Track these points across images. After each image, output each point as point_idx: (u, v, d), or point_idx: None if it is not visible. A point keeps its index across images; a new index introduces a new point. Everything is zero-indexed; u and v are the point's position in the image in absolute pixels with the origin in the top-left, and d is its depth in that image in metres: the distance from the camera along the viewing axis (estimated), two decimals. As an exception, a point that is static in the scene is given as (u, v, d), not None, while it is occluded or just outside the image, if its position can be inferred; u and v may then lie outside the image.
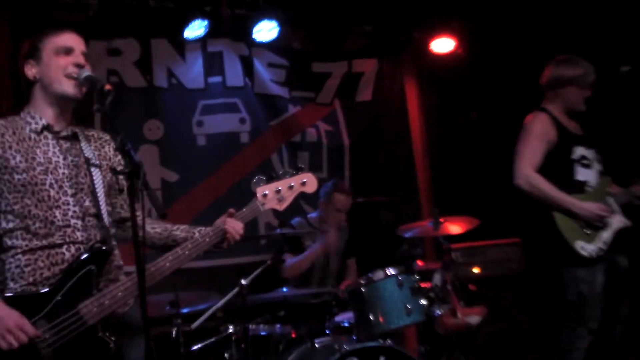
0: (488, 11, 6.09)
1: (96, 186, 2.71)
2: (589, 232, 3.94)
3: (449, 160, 6.58)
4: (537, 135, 4.05)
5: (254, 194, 2.92)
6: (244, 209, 2.88)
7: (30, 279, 2.57)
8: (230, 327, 4.14)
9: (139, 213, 2.34)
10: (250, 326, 4.11)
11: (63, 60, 2.68)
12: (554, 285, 4.16)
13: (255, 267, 4.38)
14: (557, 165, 4.02)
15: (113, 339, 2.57)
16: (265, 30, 5.71)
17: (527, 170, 4.01)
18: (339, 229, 5.04)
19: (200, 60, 5.82)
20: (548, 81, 4.18)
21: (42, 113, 2.72)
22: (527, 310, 5.77)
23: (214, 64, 5.85)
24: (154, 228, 2.86)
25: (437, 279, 4.63)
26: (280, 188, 2.92)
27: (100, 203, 2.70)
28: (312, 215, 5.21)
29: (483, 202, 6.24)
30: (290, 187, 2.95)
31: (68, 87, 2.68)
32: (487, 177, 6.50)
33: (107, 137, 2.91)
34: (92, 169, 2.73)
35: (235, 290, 4.07)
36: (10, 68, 4.92)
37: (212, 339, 4.20)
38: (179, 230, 2.85)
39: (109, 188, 2.81)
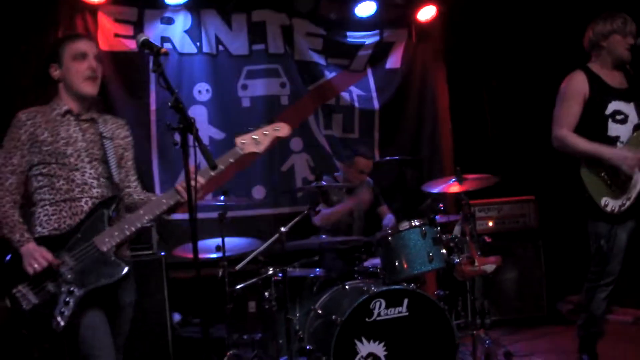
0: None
1: (108, 156, 2.99)
2: (614, 188, 3.76)
3: (470, 124, 6.50)
4: (570, 95, 3.86)
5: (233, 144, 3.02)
6: (227, 154, 2.98)
7: (56, 225, 2.88)
8: (270, 269, 4.21)
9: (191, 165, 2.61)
10: (287, 269, 4.19)
11: (80, 65, 2.96)
12: (582, 241, 4.01)
13: (293, 217, 4.42)
14: (591, 121, 3.83)
15: (124, 263, 2.86)
16: (305, 2, 5.68)
17: (562, 131, 3.84)
18: (367, 188, 5.08)
19: (245, 29, 5.80)
20: (590, 38, 3.95)
21: (66, 102, 3.01)
22: (539, 262, 5.78)
23: (257, 32, 5.83)
24: (139, 196, 3.11)
25: (457, 230, 4.66)
26: (255, 136, 3.02)
27: (112, 169, 2.98)
28: (338, 174, 5.25)
29: (501, 162, 6.21)
30: (265, 134, 3.05)
31: (86, 89, 2.97)
32: (505, 140, 6.44)
33: (123, 121, 3.20)
34: (106, 142, 3.01)
35: (275, 236, 4.13)
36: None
37: (254, 279, 4.29)
38: (154, 197, 3.08)
39: (119, 159, 3.08)
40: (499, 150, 6.39)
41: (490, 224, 5.81)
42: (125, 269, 2.83)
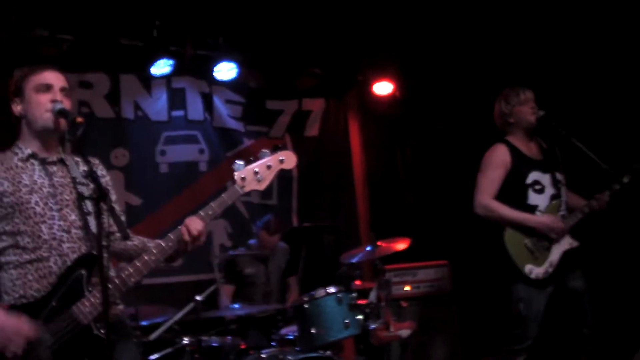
0: (422, 57, 6.29)
1: (85, 201, 2.65)
2: (537, 255, 3.94)
3: (387, 191, 6.70)
4: (493, 165, 4.06)
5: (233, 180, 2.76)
6: (223, 195, 2.72)
7: (21, 292, 2.55)
8: (185, 338, 4.14)
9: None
10: (203, 338, 4.14)
11: (43, 97, 2.67)
12: (500, 302, 4.15)
13: (210, 284, 4.41)
14: (511, 190, 4.02)
15: (107, 335, 2.47)
16: (225, 70, 5.80)
17: (484, 199, 4.01)
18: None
19: (164, 95, 5.85)
20: (498, 116, 4.20)
21: (29, 145, 2.71)
22: (454, 325, 5.92)
23: (177, 99, 5.90)
24: (132, 241, 2.82)
25: (372, 296, 4.74)
26: (257, 169, 2.74)
27: (88, 216, 2.63)
28: (252, 241, 5.30)
29: (416, 228, 6.39)
30: (269, 167, 2.76)
31: (48, 121, 2.66)
32: (419, 206, 6.66)
33: (97, 161, 2.88)
34: (78, 186, 2.69)
35: (191, 305, 4.09)
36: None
37: (169, 350, 4.21)
38: (152, 242, 2.79)
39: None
40: (415, 215, 6.60)
41: (407, 288, 5.94)
42: (107, 343, 2.43)
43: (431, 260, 6.05)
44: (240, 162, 2.77)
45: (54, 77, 2.72)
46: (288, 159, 2.81)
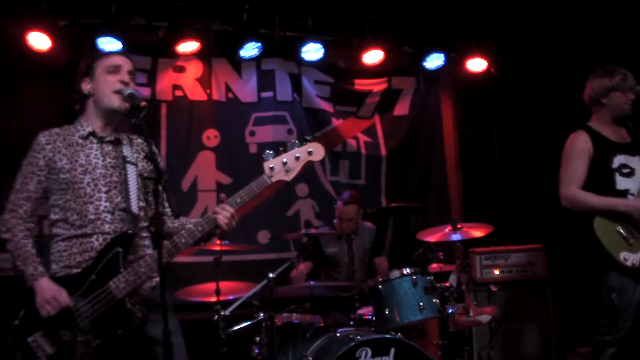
0: (518, 33, 6.05)
1: (129, 183, 2.85)
2: (632, 241, 3.75)
3: (480, 172, 6.53)
4: (575, 155, 3.91)
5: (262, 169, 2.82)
6: (252, 183, 2.81)
7: (67, 262, 2.79)
8: (262, 314, 4.25)
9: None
10: (283, 314, 4.24)
11: (111, 77, 2.88)
12: (593, 291, 4.01)
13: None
14: (597, 177, 3.87)
15: (139, 308, 2.75)
16: (313, 51, 5.86)
17: (569, 190, 3.87)
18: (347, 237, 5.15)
19: (254, 77, 6.01)
20: (590, 95, 4.00)
21: (91, 123, 2.93)
22: (548, 311, 5.70)
23: (266, 80, 6.03)
24: (173, 223, 3.02)
25: (452, 279, 4.66)
26: (286, 160, 2.79)
27: (131, 198, 2.83)
28: (335, 220, 5.33)
29: (510, 211, 6.20)
30: (297, 158, 2.81)
31: (115, 102, 2.86)
32: (515, 188, 6.44)
33: (151, 142, 2.95)
34: (128, 167, 2.87)
35: (263, 282, 4.20)
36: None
37: (246, 324, 4.33)
38: (190, 223, 2.91)
39: (144, 185, 2.95)
40: (509, 198, 6.39)
41: (497, 272, 5.78)
42: (140, 317, 2.72)
43: (525, 244, 5.87)
44: (270, 152, 2.84)
45: (122, 60, 2.96)
46: (317, 151, 2.85)
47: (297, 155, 2.82)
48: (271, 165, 2.80)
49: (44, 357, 2.63)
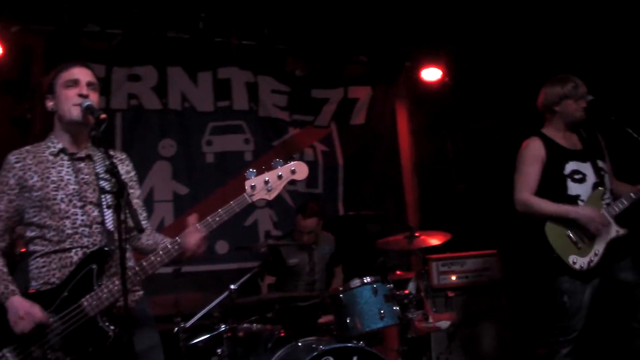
0: (472, 43, 6.17)
1: (102, 198, 2.84)
2: (580, 245, 3.88)
3: (436, 180, 6.63)
4: (528, 161, 4.01)
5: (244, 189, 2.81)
6: (232, 202, 2.80)
7: (46, 278, 2.77)
8: (223, 325, 4.23)
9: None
10: (242, 325, 4.23)
11: (70, 92, 2.86)
12: (545, 294, 4.09)
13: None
14: (550, 182, 3.98)
15: (112, 328, 2.71)
16: (270, 60, 5.87)
17: (523, 196, 3.98)
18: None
19: (210, 86, 5.97)
20: (543, 102, 4.12)
21: (60, 139, 2.92)
22: (504, 315, 5.83)
23: (223, 89, 6.00)
24: (148, 240, 3.02)
25: (411, 287, 4.74)
26: (268, 178, 2.79)
27: (106, 214, 2.82)
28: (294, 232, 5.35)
29: (465, 217, 6.31)
30: (280, 177, 2.81)
31: (75, 114, 2.84)
32: (470, 195, 6.56)
33: (124, 156, 3.09)
34: (102, 183, 2.86)
35: (225, 294, 4.19)
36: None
37: (206, 336, 4.30)
38: (163, 243, 2.91)
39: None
40: (464, 205, 6.51)
41: (453, 278, 5.88)
42: (112, 336, 2.66)
43: (480, 249, 5.99)
44: (252, 170, 2.83)
45: (81, 73, 2.92)
46: (300, 170, 2.86)
47: (280, 174, 2.83)
48: (252, 184, 2.80)
49: None
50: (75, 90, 2.86)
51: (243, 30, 5.89)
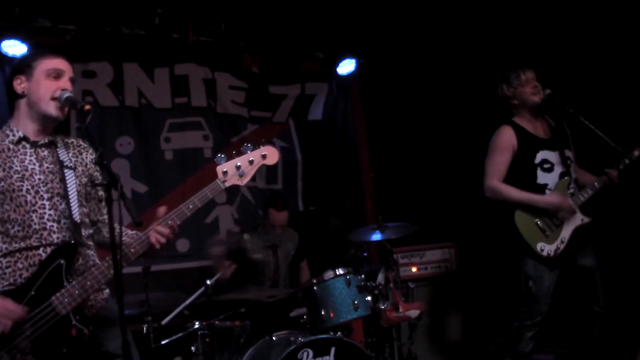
0: (426, 42, 6.28)
1: (69, 189, 2.68)
2: (548, 233, 4.00)
3: (393, 172, 6.72)
4: (500, 148, 4.13)
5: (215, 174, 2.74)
6: (205, 189, 2.73)
7: (11, 280, 2.57)
8: (196, 323, 4.19)
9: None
10: (214, 322, 4.19)
11: (52, 83, 2.71)
12: (511, 279, 4.25)
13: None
14: (520, 170, 4.09)
15: (87, 326, 2.57)
16: (227, 56, 5.83)
17: (492, 182, 4.09)
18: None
19: (167, 83, 5.87)
20: (502, 99, 4.27)
21: (22, 126, 2.74)
22: (462, 305, 5.97)
23: (180, 86, 5.91)
24: (123, 236, 2.85)
25: (380, 277, 4.80)
26: (239, 164, 2.74)
27: (72, 205, 2.66)
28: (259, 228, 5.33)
29: (422, 210, 6.42)
30: (251, 162, 2.77)
31: (52, 109, 2.71)
32: (427, 187, 6.68)
33: (86, 144, 2.92)
34: (66, 172, 2.71)
35: (201, 289, 4.14)
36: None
37: (180, 334, 4.25)
38: (128, 236, 2.79)
39: (85, 192, 2.79)
40: (422, 197, 6.62)
41: (414, 269, 5.99)
42: (87, 334, 2.52)
43: (438, 242, 6.12)
44: (222, 156, 2.78)
45: (65, 66, 2.79)
46: (270, 155, 2.82)
47: (251, 159, 2.78)
48: (224, 170, 2.75)
49: None
50: (58, 83, 2.74)
51: (200, 26, 5.81)
